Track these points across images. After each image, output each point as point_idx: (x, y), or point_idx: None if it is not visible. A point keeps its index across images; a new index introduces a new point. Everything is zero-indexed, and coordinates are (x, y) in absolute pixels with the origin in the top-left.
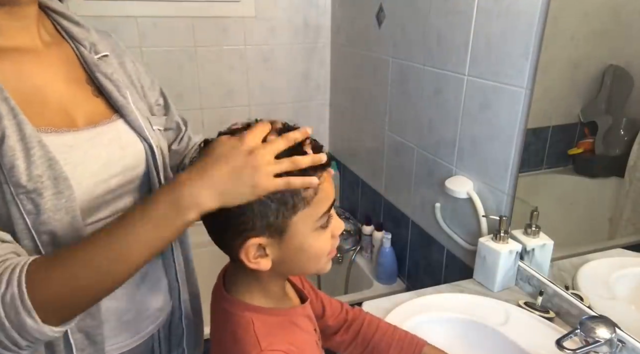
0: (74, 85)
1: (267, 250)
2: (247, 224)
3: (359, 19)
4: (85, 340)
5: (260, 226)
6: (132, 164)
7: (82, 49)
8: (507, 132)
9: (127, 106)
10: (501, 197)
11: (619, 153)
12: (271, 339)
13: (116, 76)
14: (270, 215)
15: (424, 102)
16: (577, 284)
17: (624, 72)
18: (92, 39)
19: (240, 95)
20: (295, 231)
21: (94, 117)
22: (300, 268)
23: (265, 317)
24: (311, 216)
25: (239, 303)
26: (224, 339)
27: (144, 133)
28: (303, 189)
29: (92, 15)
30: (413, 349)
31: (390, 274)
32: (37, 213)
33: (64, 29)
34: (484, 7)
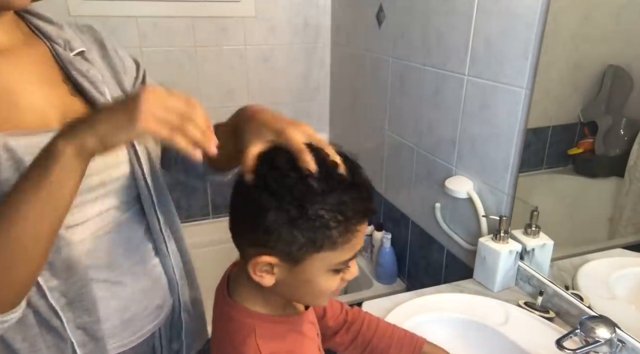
0: (49, 85)
1: (274, 269)
2: (270, 242)
3: (359, 19)
4: (86, 336)
5: (280, 250)
6: (113, 162)
7: (57, 47)
8: (507, 132)
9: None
10: (501, 197)
11: (619, 153)
12: (273, 348)
13: (93, 72)
14: (294, 246)
15: (424, 102)
16: (577, 284)
17: (624, 72)
18: (65, 36)
19: (240, 95)
20: (309, 266)
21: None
22: (298, 297)
23: (268, 325)
24: (332, 260)
25: (242, 308)
26: (224, 344)
27: None
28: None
29: (92, 15)
30: (413, 347)
31: (390, 274)
32: None
33: (37, 28)
34: (483, 7)
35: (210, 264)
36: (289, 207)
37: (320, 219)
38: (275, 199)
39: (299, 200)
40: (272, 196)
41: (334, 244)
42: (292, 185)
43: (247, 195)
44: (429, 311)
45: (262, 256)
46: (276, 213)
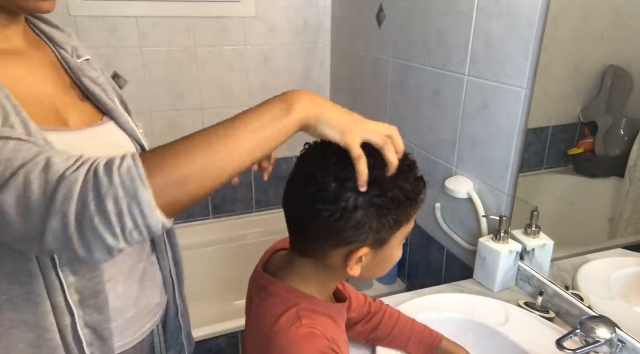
0: (61, 90)
1: (363, 259)
2: (361, 236)
3: (359, 19)
4: (93, 335)
5: (371, 239)
6: None
7: (64, 53)
8: (507, 132)
9: (116, 109)
10: (501, 197)
11: (619, 153)
12: (312, 321)
13: (102, 80)
14: (383, 232)
15: (424, 102)
16: (577, 284)
17: (624, 72)
18: (73, 43)
19: (240, 95)
20: (391, 243)
21: (85, 121)
22: (375, 273)
23: (309, 304)
24: (406, 231)
25: (288, 287)
26: (266, 318)
27: (136, 135)
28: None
29: (92, 15)
30: (432, 341)
31: (390, 274)
32: None
33: (43, 33)
34: (484, 7)
35: (209, 264)
36: (375, 200)
37: (399, 200)
38: (361, 194)
39: (381, 188)
40: (358, 193)
41: (408, 217)
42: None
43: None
44: (429, 311)
45: (357, 252)
46: (365, 208)
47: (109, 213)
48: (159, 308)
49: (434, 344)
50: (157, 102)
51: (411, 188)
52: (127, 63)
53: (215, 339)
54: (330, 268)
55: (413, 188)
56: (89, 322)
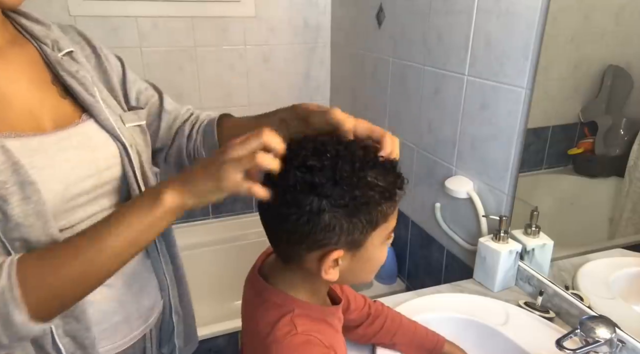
0: (39, 87)
1: (339, 261)
2: (333, 239)
3: (359, 19)
4: (73, 344)
5: (344, 241)
6: (105, 165)
7: (45, 48)
8: (507, 132)
9: (95, 105)
10: (501, 197)
11: (619, 153)
12: (307, 327)
13: (82, 73)
14: (356, 233)
15: (424, 102)
16: (577, 284)
17: (624, 72)
18: (53, 36)
19: (240, 95)
20: (369, 244)
21: (62, 120)
22: (359, 278)
23: (304, 311)
24: (384, 231)
25: (281, 293)
26: (260, 325)
27: (116, 133)
28: (387, 206)
29: (92, 15)
30: (434, 345)
31: (390, 274)
32: (5, 220)
33: (24, 28)
34: (484, 7)
35: (209, 264)
36: (342, 201)
37: (371, 199)
38: (324, 197)
39: (346, 188)
40: (321, 195)
41: (385, 216)
42: (332, 177)
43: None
44: (429, 311)
45: (331, 254)
46: (331, 210)
47: None
48: (151, 312)
49: (436, 348)
50: None
51: (383, 186)
52: (127, 63)
53: (215, 339)
54: (313, 274)
55: (386, 186)
56: (68, 331)
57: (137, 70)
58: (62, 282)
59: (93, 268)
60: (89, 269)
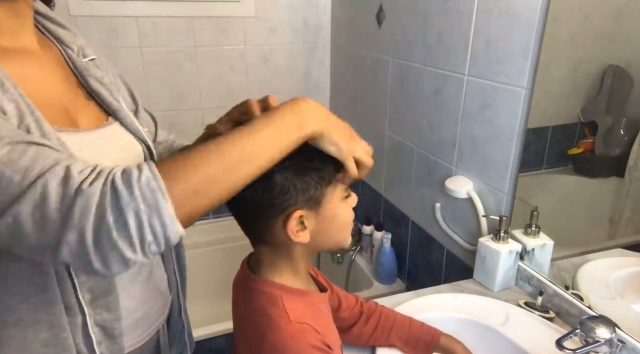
0: (68, 89)
1: (305, 223)
2: (290, 199)
3: (359, 19)
4: (103, 334)
5: (302, 200)
6: (134, 162)
7: (70, 53)
8: (507, 132)
9: (121, 109)
10: (501, 197)
11: (619, 153)
12: (299, 314)
13: (107, 80)
14: (311, 189)
15: (424, 102)
16: (577, 284)
17: (624, 72)
18: (79, 43)
19: (240, 95)
20: (329, 200)
21: (91, 120)
22: (332, 238)
23: (292, 295)
24: (340, 186)
25: (268, 282)
26: (253, 317)
27: (141, 135)
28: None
29: (92, 15)
30: (430, 339)
31: (390, 274)
32: None
33: (50, 31)
34: (484, 7)
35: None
36: (288, 162)
37: (311, 155)
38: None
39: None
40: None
41: (336, 170)
42: None
43: None
44: (429, 311)
45: (293, 213)
46: (281, 173)
47: (129, 227)
48: (164, 308)
49: (432, 341)
50: (157, 102)
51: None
52: (127, 63)
53: (215, 339)
54: (287, 248)
55: None
56: (99, 321)
57: (137, 70)
58: (200, 178)
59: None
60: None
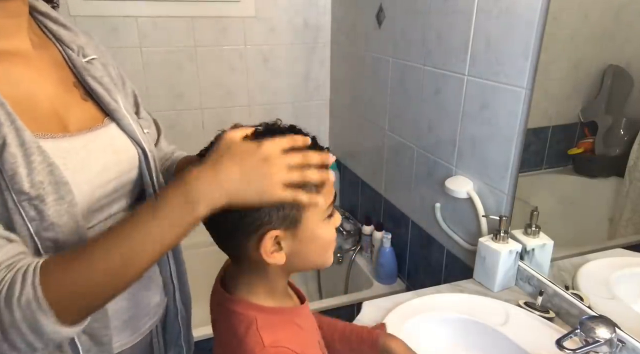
0: (64, 89)
1: (282, 244)
2: (264, 218)
3: (359, 19)
4: (90, 341)
5: (277, 219)
6: (127, 169)
7: (70, 52)
8: (507, 132)
9: (119, 110)
10: (501, 197)
11: (619, 153)
12: (274, 337)
13: (106, 80)
14: (287, 206)
15: (424, 102)
16: (577, 284)
17: (624, 72)
18: (79, 42)
19: (240, 95)
20: (308, 221)
21: (86, 122)
22: (311, 260)
23: (268, 316)
24: (321, 207)
25: (242, 301)
26: (228, 339)
27: (137, 138)
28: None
29: (92, 15)
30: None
31: (390, 274)
32: (41, 219)
33: (50, 31)
34: (483, 7)
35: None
36: None
37: None
38: None
39: None
40: None
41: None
42: None
43: None
44: (429, 311)
45: (266, 233)
46: None
47: (15, 342)
48: (158, 309)
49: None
50: (157, 102)
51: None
52: (127, 63)
53: None
54: (262, 267)
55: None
56: (86, 329)
57: (137, 70)
58: (86, 284)
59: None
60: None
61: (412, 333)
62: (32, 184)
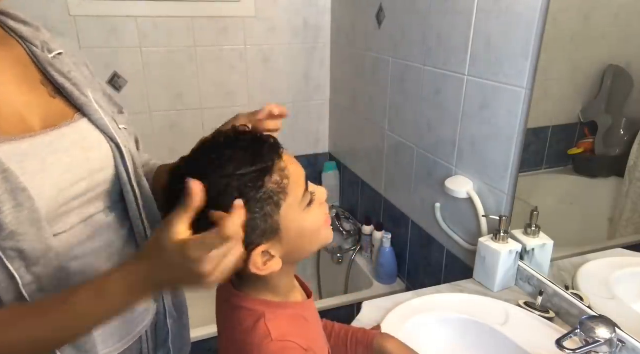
0: (28, 88)
1: (271, 252)
2: (245, 241)
3: (359, 19)
4: (74, 350)
5: (256, 237)
6: (99, 167)
7: (34, 49)
8: (507, 132)
9: (89, 104)
10: (501, 197)
11: (619, 153)
12: (282, 331)
13: (75, 74)
14: (260, 222)
15: (424, 102)
16: (577, 284)
17: (624, 72)
18: (43, 38)
19: (240, 95)
20: (288, 221)
21: (53, 119)
22: (308, 249)
23: (275, 310)
24: (294, 201)
25: (249, 298)
26: (235, 334)
27: (110, 132)
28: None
29: (92, 15)
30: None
31: (390, 274)
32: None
33: (11, 29)
34: (484, 7)
35: None
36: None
37: (252, 185)
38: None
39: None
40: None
41: (282, 190)
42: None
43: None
44: (429, 311)
45: (252, 253)
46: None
47: None
48: (147, 314)
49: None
50: (157, 102)
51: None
52: (127, 63)
53: (215, 339)
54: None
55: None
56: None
57: (137, 70)
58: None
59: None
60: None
61: (412, 333)
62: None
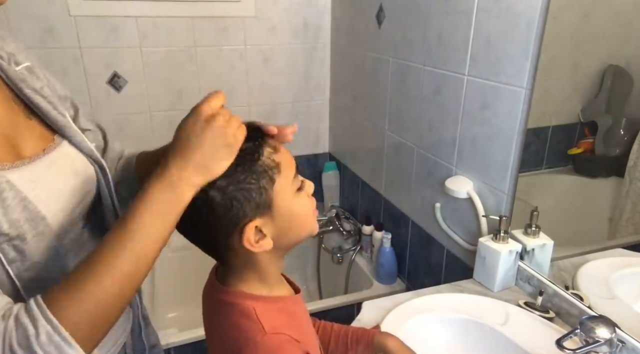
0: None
1: (264, 230)
2: (238, 214)
3: (359, 19)
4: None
5: (250, 210)
6: (88, 190)
7: (1, 62)
8: (507, 132)
9: (69, 125)
10: (501, 197)
11: (619, 153)
12: (274, 324)
13: (47, 91)
14: (255, 195)
15: (424, 102)
16: (577, 284)
17: (624, 72)
18: (8, 49)
19: (240, 95)
20: (279, 200)
21: (37, 142)
22: (296, 234)
23: (265, 304)
24: (286, 181)
25: (238, 293)
26: (226, 331)
27: (94, 155)
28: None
29: (92, 15)
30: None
31: (390, 274)
32: (22, 260)
33: None
34: (484, 7)
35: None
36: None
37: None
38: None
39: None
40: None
41: (275, 168)
42: None
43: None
44: (429, 311)
45: (246, 227)
46: (217, 190)
47: None
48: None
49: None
50: (157, 102)
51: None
52: (127, 63)
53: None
54: (251, 258)
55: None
56: None
57: (137, 70)
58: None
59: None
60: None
61: (412, 333)
62: (10, 224)
